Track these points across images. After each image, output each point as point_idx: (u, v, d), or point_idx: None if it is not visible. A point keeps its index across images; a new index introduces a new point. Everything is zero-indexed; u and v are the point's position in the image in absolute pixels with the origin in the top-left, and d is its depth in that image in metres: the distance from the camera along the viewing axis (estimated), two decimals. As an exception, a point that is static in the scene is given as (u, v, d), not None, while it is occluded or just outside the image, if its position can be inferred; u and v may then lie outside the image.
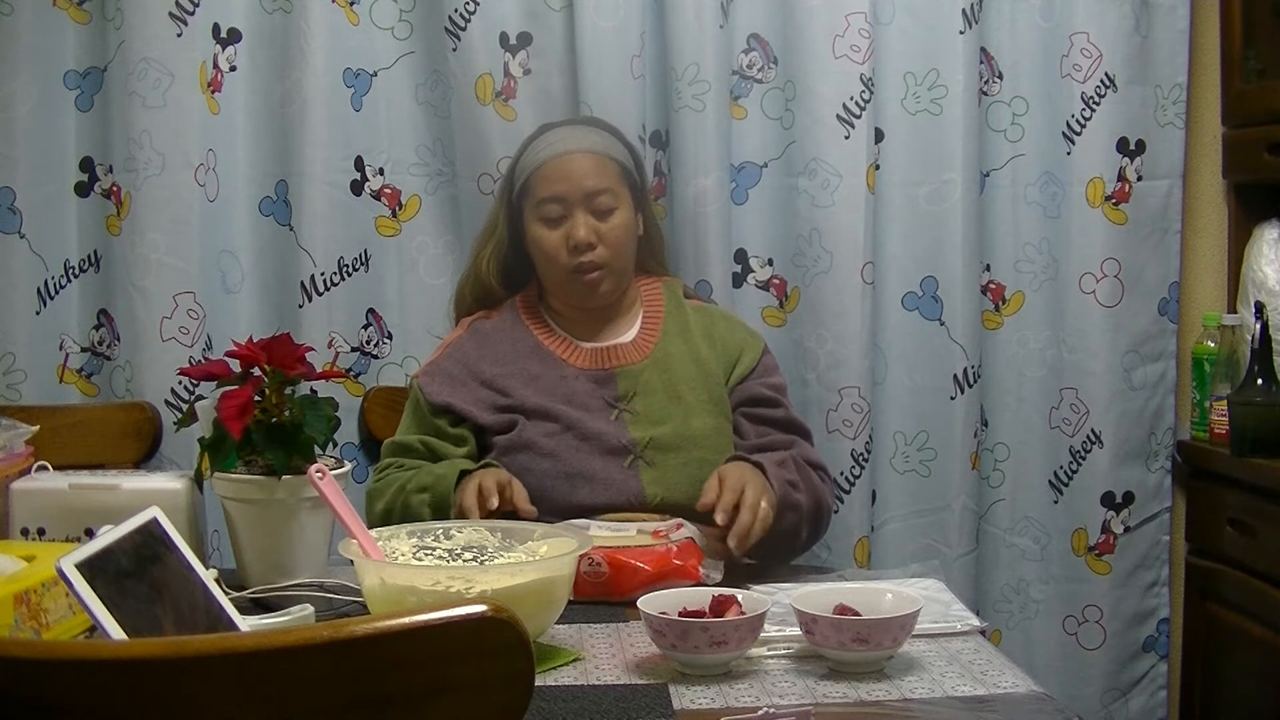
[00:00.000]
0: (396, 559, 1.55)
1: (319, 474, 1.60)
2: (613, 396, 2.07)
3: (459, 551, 1.60)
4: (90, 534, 1.75)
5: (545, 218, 2.09)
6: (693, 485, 1.98)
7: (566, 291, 2.12)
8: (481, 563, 1.57)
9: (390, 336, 2.51)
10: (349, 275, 2.47)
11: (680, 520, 1.83)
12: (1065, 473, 2.61)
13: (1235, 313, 2.52)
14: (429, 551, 1.59)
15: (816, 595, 1.52)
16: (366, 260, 2.49)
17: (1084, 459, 2.59)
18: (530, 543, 1.61)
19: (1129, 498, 2.61)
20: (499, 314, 2.18)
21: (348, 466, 1.86)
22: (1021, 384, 2.60)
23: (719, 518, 1.81)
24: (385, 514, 1.99)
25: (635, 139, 2.42)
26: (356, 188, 2.48)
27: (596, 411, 2.05)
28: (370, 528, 1.60)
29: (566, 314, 2.16)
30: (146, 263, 2.37)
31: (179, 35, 2.36)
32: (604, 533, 1.79)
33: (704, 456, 2.04)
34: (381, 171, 2.49)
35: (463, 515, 1.82)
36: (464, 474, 1.94)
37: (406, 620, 0.89)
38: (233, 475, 1.79)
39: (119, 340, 2.41)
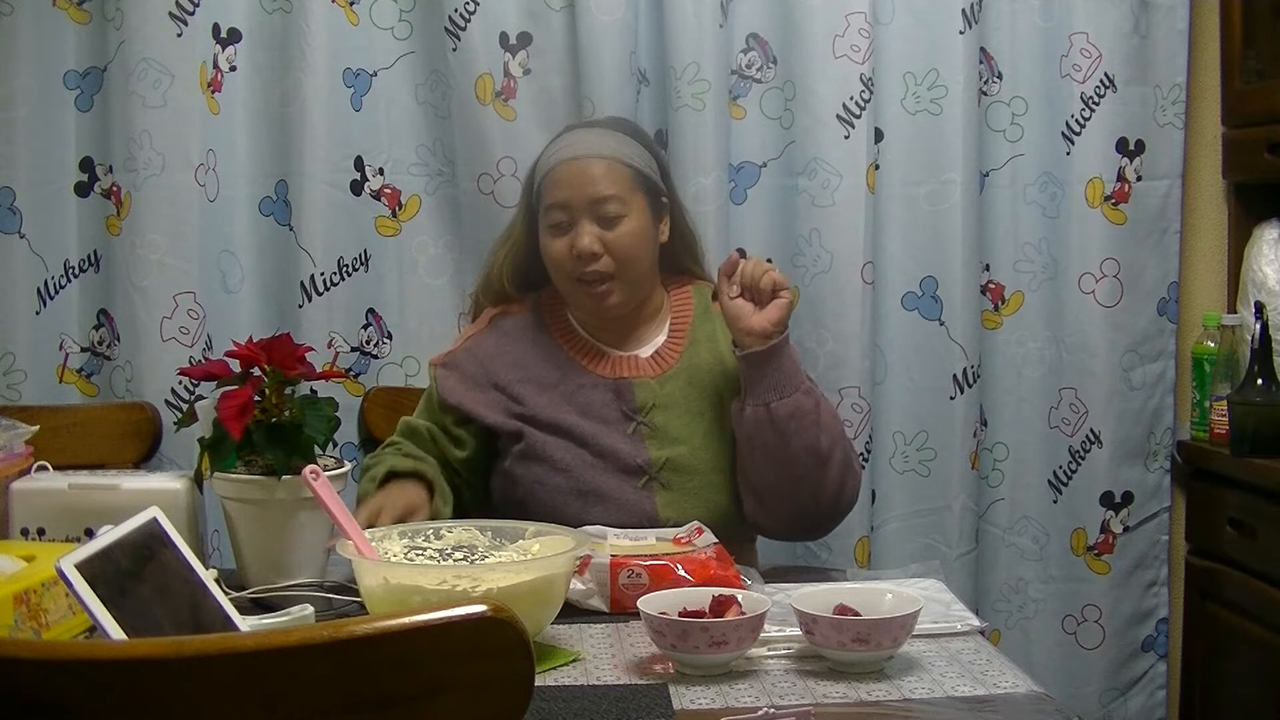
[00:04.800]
0: (389, 559, 1.55)
1: (313, 475, 1.60)
2: (630, 409, 1.99)
3: (449, 551, 1.60)
4: (90, 534, 1.75)
5: (551, 225, 2.01)
6: (707, 509, 1.94)
7: (576, 303, 2.05)
8: (472, 562, 1.57)
9: (390, 336, 2.51)
10: (349, 275, 2.47)
11: (698, 524, 1.79)
12: (1064, 472, 2.61)
13: (1235, 313, 2.52)
14: (420, 551, 1.59)
15: (816, 595, 1.52)
16: (366, 260, 2.49)
17: (1083, 459, 2.59)
18: (521, 541, 1.61)
19: (1128, 497, 2.61)
20: (522, 311, 2.10)
21: (347, 466, 1.86)
22: (1021, 384, 2.60)
23: (727, 273, 1.95)
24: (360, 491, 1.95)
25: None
26: (356, 188, 2.48)
27: (613, 424, 1.98)
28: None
29: (588, 320, 2.07)
30: (146, 263, 2.37)
31: (179, 35, 2.36)
32: (623, 542, 1.74)
33: (721, 481, 1.98)
34: (381, 171, 2.49)
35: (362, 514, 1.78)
36: (392, 475, 1.90)
37: (406, 620, 0.89)
38: (233, 475, 1.79)
39: (119, 340, 2.41)
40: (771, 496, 1.96)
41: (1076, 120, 2.54)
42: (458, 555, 1.59)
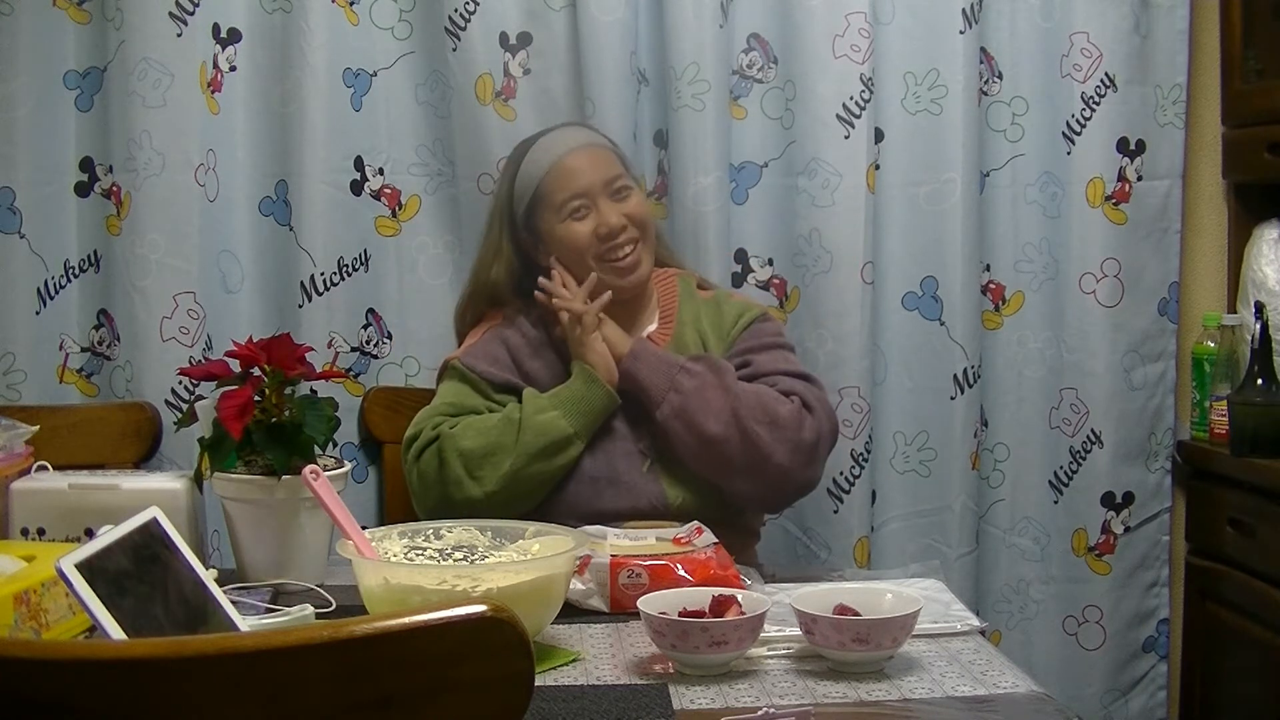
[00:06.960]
0: (389, 559, 1.55)
1: (313, 474, 1.60)
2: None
3: (449, 551, 1.60)
4: (90, 534, 1.75)
5: (571, 213, 2.08)
6: (713, 488, 2.00)
7: (602, 281, 2.09)
8: (472, 562, 1.57)
9: (390, 336, 2.51)
10: (349, 275, 2.47)
11: (698, 524, 1.80)
12: (1065, 473, 2.61)
13: (1235, 313, 2.52)
14: (420, 551, 1.59)
15: (816, 595, 1.52)
16: (366, 260, 2.49)
17: (1084, 459, 2.59)
18: (521, 541, 1.61)
19: (1129, 498, 2.61)
20: (517, 312, 2.15)
21: (347, 466, 1.86)
22: (1021, 384, 2.60)
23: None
24: (485, 452, 1.96)
25: (633, 139, 2.42)
26: (356, 188, 2.48)
27: (617, 412, 2.04)
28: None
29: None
30: (146, 263, 2.36)
31: (179, 35, 2.36)
32: (623, 542, 1.74)
33: None
34: (381, 171, 2.49)
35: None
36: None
37: (406, 620, 0.89)
38: (233, 475, 1.79)
39: (119, 340, 2.41)
40: (718, 485, 2.01)
41: (1077, 120, 2.54)
42: (457, 555, 1.59)
